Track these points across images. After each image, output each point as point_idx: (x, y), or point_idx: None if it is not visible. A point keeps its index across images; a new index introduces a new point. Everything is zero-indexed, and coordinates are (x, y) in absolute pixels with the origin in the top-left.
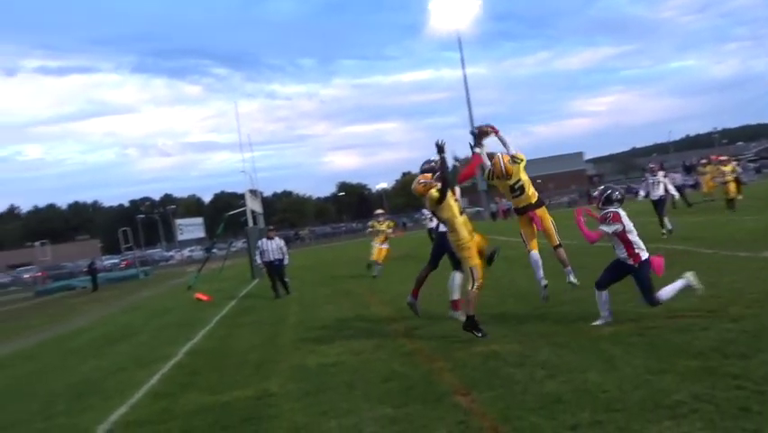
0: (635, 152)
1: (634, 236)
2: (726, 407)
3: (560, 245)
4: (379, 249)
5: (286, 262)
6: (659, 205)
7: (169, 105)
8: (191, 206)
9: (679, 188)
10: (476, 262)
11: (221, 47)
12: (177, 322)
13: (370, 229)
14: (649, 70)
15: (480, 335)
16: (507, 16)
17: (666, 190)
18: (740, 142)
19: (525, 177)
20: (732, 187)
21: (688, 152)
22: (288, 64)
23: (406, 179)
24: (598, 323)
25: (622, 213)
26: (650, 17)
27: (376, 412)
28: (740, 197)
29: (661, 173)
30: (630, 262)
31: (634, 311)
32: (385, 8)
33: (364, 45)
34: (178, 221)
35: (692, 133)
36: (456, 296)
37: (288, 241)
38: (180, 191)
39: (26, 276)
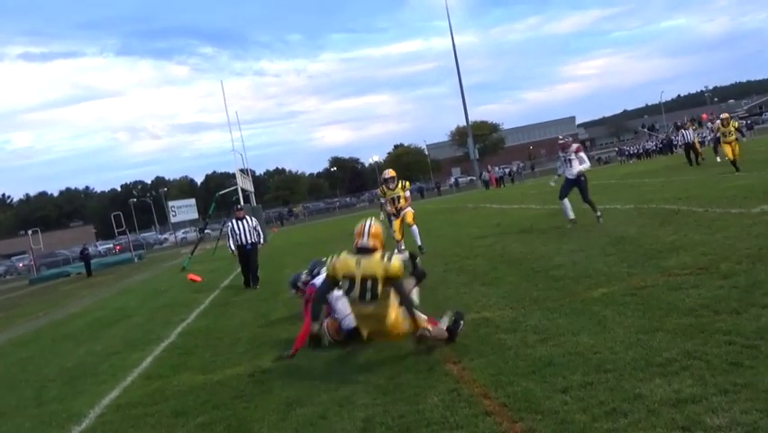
0: (627, 115)
1: None
2: (717, 363)
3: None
4: (398, 222)
5: (261, 242)
6: (577, 185)
7: (156, 87)
8: (184, 187)
9: (692, 144)
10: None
11: (207, 25)
12: (171, 303)
13: (382, 200)
14: (639, 31)
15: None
16: None
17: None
18: (731, 100)
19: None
20: (735, 148)
21: (679, 111)
22: (276, 40)
23: (398, 151)
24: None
25: None
26: None
27: (368, 383)
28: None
29: (574, 147)
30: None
31: (624, 272)
32: None
33: (352, 18)
34: (171, 203)
35: (683, 93)
36: None
37: (282, 218)
38: (172, 173)
39: (20, 265)
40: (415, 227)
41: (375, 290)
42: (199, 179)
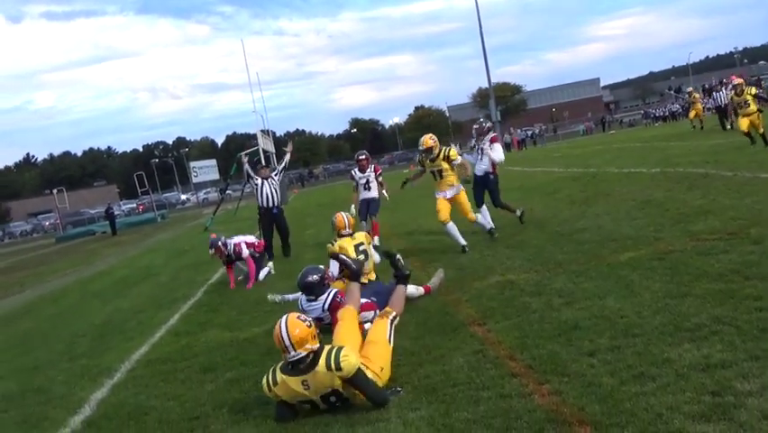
0: (653, 77)
1: None
2: (746, 328)
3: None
4: (443, 200)
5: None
6: (486, 185)
7: (176, 47)
8: (205, 148)
9: (724, 108)
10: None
11: None
12: (194, 263)
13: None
14: None
15: None
16: None
17: (492, 165)
18: (762, 62)
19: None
20: (755, 120)
21: (707, 73)
22: None
23: (419, 113)
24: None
25: None
26: None
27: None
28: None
29: (490, 135)
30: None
31: (652, 237)
32: None
33: None
34: (192, 164)
35: (712, 55)
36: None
37: (302, 179)
38: (193, 134)
39: (46, 223)
40: (480, 213)
41: (341, 398)
42: (220, 140)
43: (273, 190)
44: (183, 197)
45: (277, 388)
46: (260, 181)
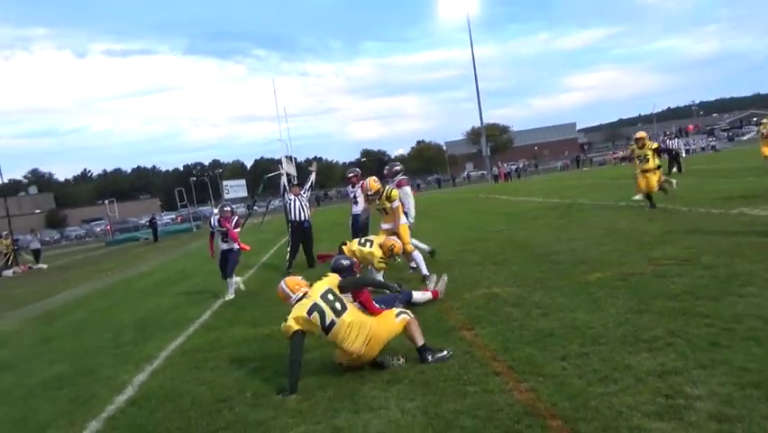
0: (622, 123)
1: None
2: (697, 342)
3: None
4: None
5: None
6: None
7: (216, 83)
8: (236, 169)
9: (675, 154)
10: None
11: (262, 31)
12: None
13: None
14: (636, 50)
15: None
16: (513, 1)
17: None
18: (715, 114)
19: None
20: (651, 179)
21: (668, 122)
22: (320, 46)
23: (421, 146)
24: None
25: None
26: (639, 1)
27: (393, 342)
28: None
29: (397, 178)
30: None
31: (617, 261)
32: None
33: (386, 29)
34: (225, 182)
35: (673, 106)
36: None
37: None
38: (226, 157)
39: (98, 229)
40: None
41: (337, 296)
42: (249, 163)
43: (303, 206)
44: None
45: (288, 321)
46: (292, 198)
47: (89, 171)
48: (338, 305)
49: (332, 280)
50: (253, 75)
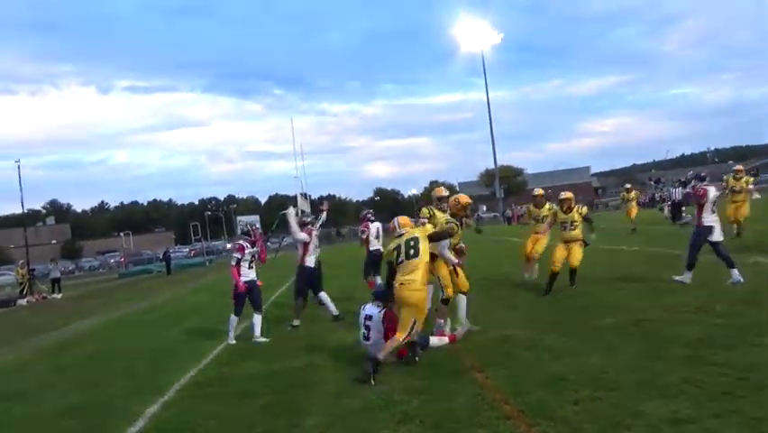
0: (636, 168)
1: None
2: (710, 390)
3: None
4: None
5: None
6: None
7: (234, 120)
8: (250, 205)
9: (678, 203)
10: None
11: (281, 71)
12: None
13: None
14: (650, 96)
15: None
16: (528, 48)
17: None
18: (731, 162)
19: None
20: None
21: (683, 168)
22: (337, 86)
23: (433, 186)
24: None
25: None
26: (654, 49)
27: (405, 383)
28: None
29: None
30: None
31: (631, 306)
32: (421, 38)
33: (403, 71)
34: (239, 217)
35: (687, 153)
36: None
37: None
38: (241, 192)
39: (111, 261)
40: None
41: (416, 246)
42: (263, 199)
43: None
44: (228, 245)
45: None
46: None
47: (106, 203)
48: (412, 251)
49: (424, 230)
50: (271, 113)
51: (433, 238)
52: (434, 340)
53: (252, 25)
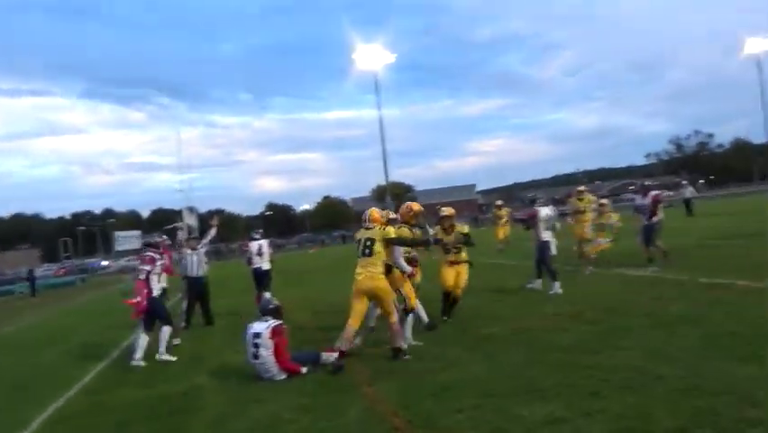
0: (517, 186)
1: None
2: (581, 392)
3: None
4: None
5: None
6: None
7: (113, 129)
8: (130, 220)
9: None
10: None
11: (167, 79)
12: (117, 324)
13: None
14: (530, 120)
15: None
16: (419, 67)
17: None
18: (597, 181)
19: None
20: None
21: (557, 187)
22: (229, 98)
23: (326, 202)
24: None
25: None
26: (535, 76)
27: (293, 402)
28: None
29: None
30: None
31: (510, 315)
32: (315, 54)
33: (297, 86)
34: (117, 233)
35: (561, 173)
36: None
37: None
38: (121, 206)
39: None
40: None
41: (371, 245)
42: (146, 214)
43: (200, 261)
44: (104, 262)
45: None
46: (189, 252)
47: None
48: (367, 251)
49: (387, 232)
50: (155, 122)
51: (392, 242)
52: (324, 355)
53: (138, 28)
